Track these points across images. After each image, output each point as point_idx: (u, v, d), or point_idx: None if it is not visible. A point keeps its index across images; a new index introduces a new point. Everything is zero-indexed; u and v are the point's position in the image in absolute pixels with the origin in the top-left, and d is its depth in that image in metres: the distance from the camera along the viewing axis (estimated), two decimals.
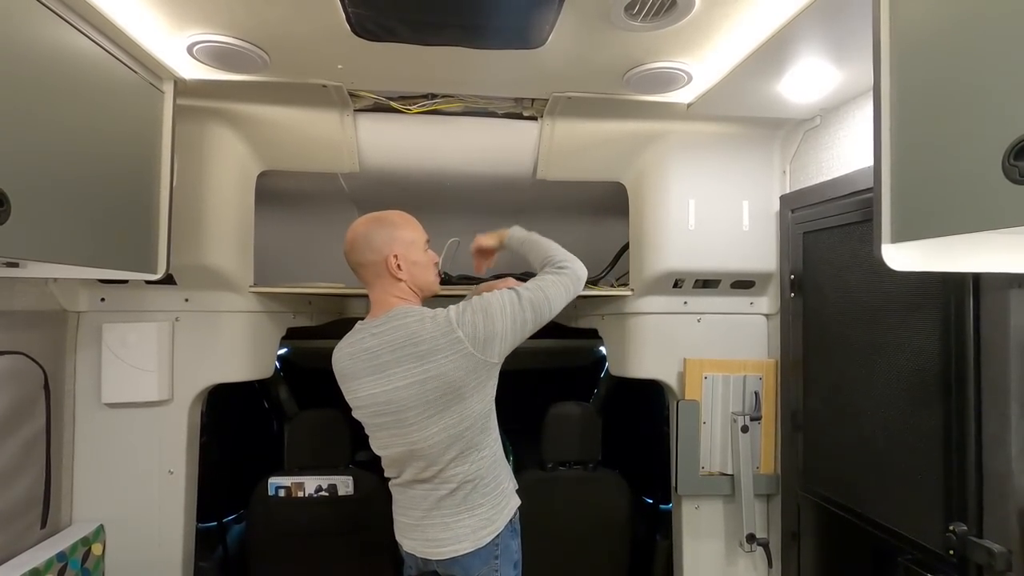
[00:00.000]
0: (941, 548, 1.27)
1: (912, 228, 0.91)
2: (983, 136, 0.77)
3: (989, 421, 1.19)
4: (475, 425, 1.38)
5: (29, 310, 1.56)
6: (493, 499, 1.42)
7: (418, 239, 1.47)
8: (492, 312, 1.35)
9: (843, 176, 1.61)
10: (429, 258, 1.50)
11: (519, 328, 1.37)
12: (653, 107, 1.74)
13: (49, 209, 1.08)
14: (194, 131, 1.69)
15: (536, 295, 1.40)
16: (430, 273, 1.50)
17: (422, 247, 1.48)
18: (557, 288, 1.44)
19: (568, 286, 1.46)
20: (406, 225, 1.46)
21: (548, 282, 1.44)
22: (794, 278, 1.85)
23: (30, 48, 1.03)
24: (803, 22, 1.21)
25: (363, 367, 1.39)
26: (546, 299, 1.41)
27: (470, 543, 1.38)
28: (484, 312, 1.34)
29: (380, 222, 1.45)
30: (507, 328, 1.35)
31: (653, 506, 2.82)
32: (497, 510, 1.42)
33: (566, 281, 1.46)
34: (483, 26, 1.30)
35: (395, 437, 1.39)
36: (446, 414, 1.35)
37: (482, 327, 1.33)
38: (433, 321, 1.34)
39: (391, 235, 1.43)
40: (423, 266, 1.47)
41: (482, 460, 1.41)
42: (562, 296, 1.44)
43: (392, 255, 1.41)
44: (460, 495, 1.39)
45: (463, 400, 1.35)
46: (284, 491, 2.20)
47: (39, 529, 1.60)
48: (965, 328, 1.23)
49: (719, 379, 1.95)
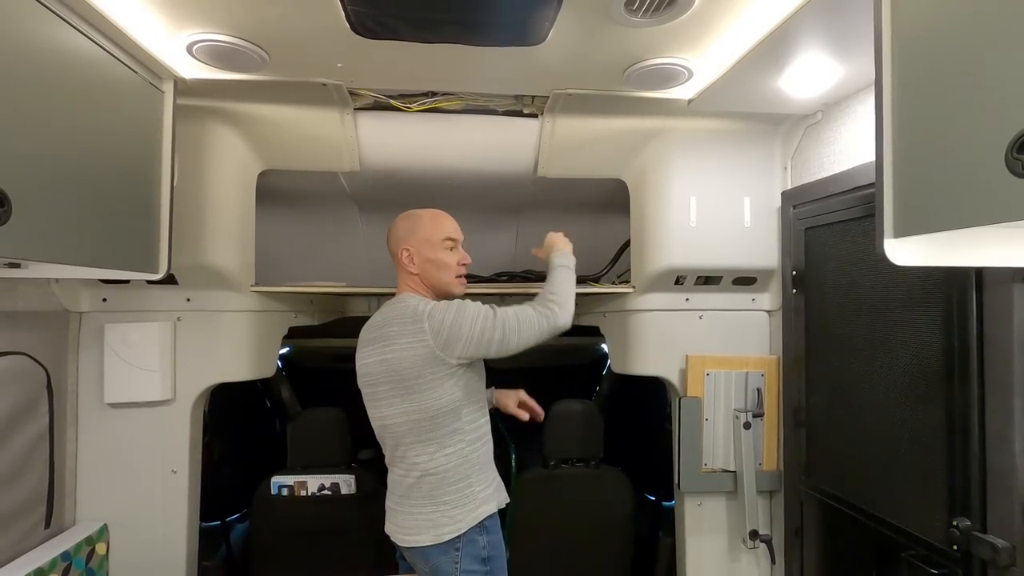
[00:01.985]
0: (944, 543, 1.26)
1: (914, 223, 0.90)
2: (986, 130, 0.77)
3: (992, 416, 1.19)
4: (435, 420, 1.43)
5: (31, 311, 1.57)
6: (459, 499, 1.45)
7: (435, 238, 1.52)
8: (464, 316, 1.40)
9: (845, 171, 1.61)
10: (448, 258, 1.53)
11: (483, 343, 1.41)
12: (654, 103, 1.73)
13: (50, 209, 1.08)
14: (194, 131, 1.69)
15: (510, 324, 1.43)
16: (444, 274, 1.53)
17: (439, 246, 1.52)
18: (531, 328, 1.46)
19: (541, 329, 1.47)
20: (430, 222, 1.54)
21: (526, 317, 1.46)
22: (796, 274, 1.84)
23: (30, 48, 1.03)
24: (804, 17, 1.20)
25: (364, 338, 1.52)
26: (517, 331, 1.44)
27: (430, 537, 1.43)
28: (457, 313, 1.41)
29: (408, 217, 1.56)
30: (473, 336, 1.40)
31: (656, 503, 2.83)
32: (464, 511, 1.44)
33: (542, 323, 1.47)
34: (483, 23, 1.30)
35: (372, 409, 1.51)
36: (405, 400, 1.43)
37: (448, 325, 1.39)
38: (412, 309, 1.43)
39: (409, 230, 1.53)
40: (437, 265, 1.51)
41: (446, 457, 1.44)
42: (531, 336, 1.46)
43: (404, 249, 1.51)
44: (425, 487, 1.44)
45: (419, 391, 1.41)
46: (287, 490, 2.21)
47: (43, 529, 1.60)
48: (968, 323, 1.23)
49: (721, 376, 1.95)
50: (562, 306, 1.50)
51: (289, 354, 3.37)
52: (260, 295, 1.88)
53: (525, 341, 1.45)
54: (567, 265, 1.62)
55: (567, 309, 1.51)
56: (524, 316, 1.45)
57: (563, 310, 1.50)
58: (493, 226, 1.60)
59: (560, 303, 1.51)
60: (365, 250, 2.58)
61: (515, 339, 1.43)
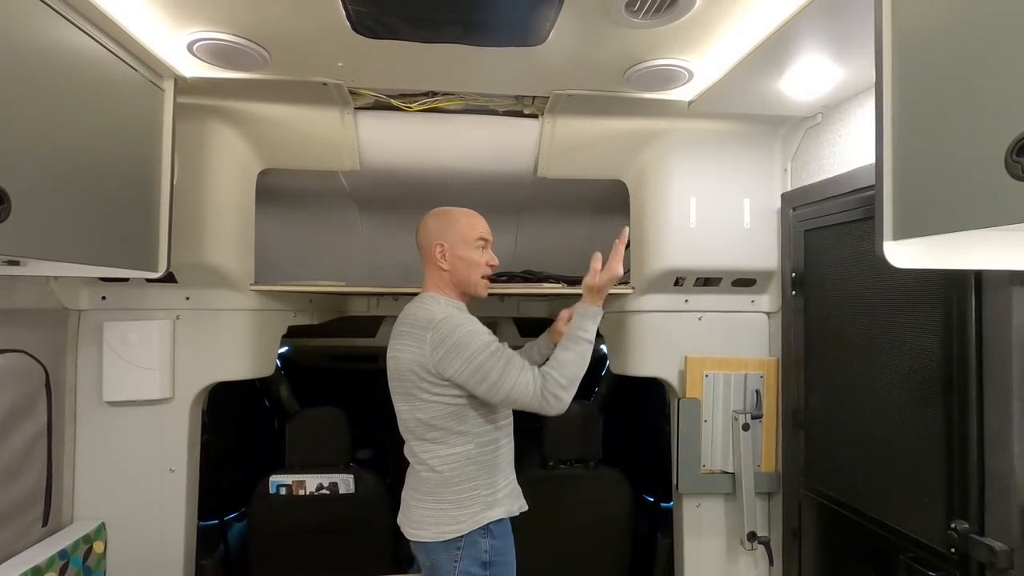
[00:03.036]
0: (943, 546, 1.26)
1: (914, 225, 0.90)
2: (986, 132, 0.77)
3: (991, 419, 1.19)
4: (434, 423, 1.43)
5: (30, 308, 1.57)
6: (463, 501, 1.43)
7: (469, 236, 1.52)
8: (471, 342, 1.37)
9: (845, 173, 1.61)
10: (479, 257, 1.53)
11: (474, 380, 1.37)
12: (654, 104, 1.73)
13: (49, 207, 1.08)
14: (194, 129, 1.69)
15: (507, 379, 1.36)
16: (474, 273, 1.52)
17: (472, 245, 1.52)
18: (521, 398, 1.38)
19: (529, 406, 1.39)
20: (464, 220, 1.54)
21: (523, 386, 1.37)
22: (795, 276, 1.84)
23: (30, 46, 1.03)
24: (804, 18, 1.20)
25: (392, 333, 1.53)
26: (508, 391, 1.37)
27: (430, 534, 1.43)
28: (464, 336, 1.37)
29: (441, 214, 1.55)
30: (468, 367, 1.36)
31: (654, 504, 2.82)
32: (467, 513, 1.43)
33: (532, 402, 1.38)
34: (484, 23, 1.30)
35: (393, 400, 1.52)
36: (406, 400, 1.45)
37: (452, 343, 1.37)
38: (427, 312, 1.43)
39: (446, 224, 1.53)
40: (468, 263, 1.51)
41: (450, 458, 1.44)
42: (516, 404, 1.40)
43: (439, 244, 1.51)
44: (430, 484, 1.45)
45: (415, 395, 1.42)
46: (285, 489, 2.21)
47: (40, 527, 1.60)
48: (967, 326, 1.23)
49: (720, 377, 1.95)
50: (561, 399, 1.39)
51: (288, 353, 3.37)
52: (259, 294, 1.88)
53: (509, 405, 1.41)
54: (589, 339, 1.46)
55: (564, 402, 1.40)
56: (521, 387, 1.37)
57: (560, 403, 1.39)
58: (493, 226, 1.59)
59: (563, 396, 1.39)
60: (365, 250, 2.58)
61: (500, 396, 1.38)
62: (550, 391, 1.38)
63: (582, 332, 1.46)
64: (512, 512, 1.52)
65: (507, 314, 2.81)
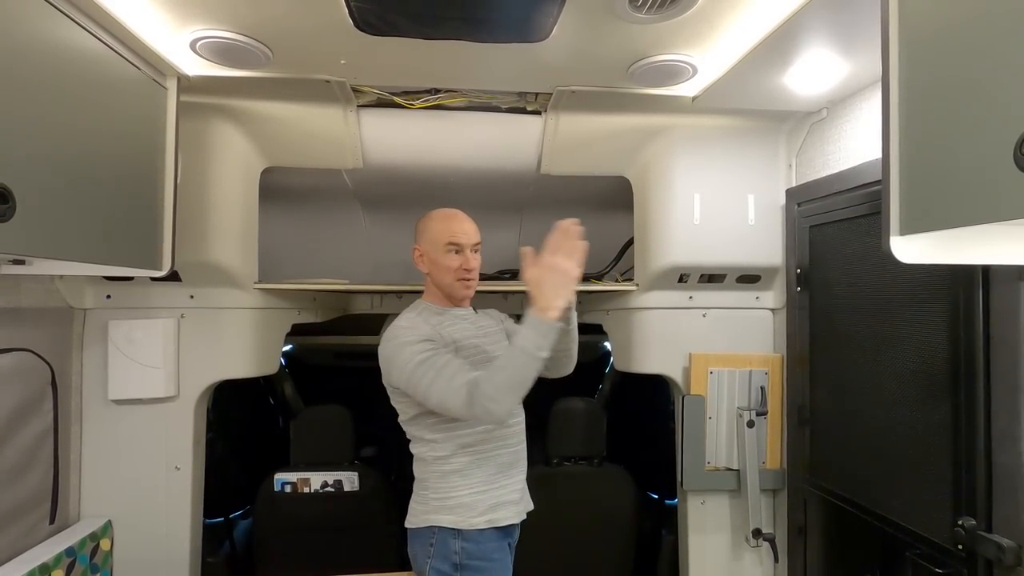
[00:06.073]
0: (949, 543, 1.26)
1: (921, 220, 0.90)
2: (993, 126, 0.76)
3: (998, 415, 1.18)
4: (407, 423, 1.49)
5: (35, 307, 1.57)
6: (418, 497, 1.49)
7: (439, 240, 1.47)
8: (399, 355, 1.38)
9: (850, 169, 1.60)
10: (451, 262, 1.46)
11: (411, 390, 1.38)
12: (658, 100, 1.72)
13: (54, 206, 1.08)
14: (198, 128, 1.69)
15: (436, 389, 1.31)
16: (446, 276, 1.48)
17: (443, 249, 1.46)
18: (450, 410, 1.32)
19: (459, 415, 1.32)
20: (437, 225, 1.50)
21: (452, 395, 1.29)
22: (800, 272, 1.84)
23: (34, 45, 1.03)
24: (809, 12, 1.19)
25: None
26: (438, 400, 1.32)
27: (408, 522, 1.50)
28: (396, 349, 1.40)
29: (424, 217, 1.55)
30: (402, 378, 1.39)
31: (659, 501, 2.82)
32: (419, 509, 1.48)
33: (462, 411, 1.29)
34: (486, 20, 1.29)
35: None
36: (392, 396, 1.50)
37: (387, 354, 1.44)
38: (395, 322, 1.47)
39: (422, 228, 1.53)
40: (441, 268, 1.49)
41: (420, 460, 1.50)
42: (453, 412, 1.33)
43: (416, 247, 1.52)
44: (416, 479, 1.52)
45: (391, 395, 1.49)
46: (290, 487, 2.22)
47: (48, 525, 1.61)
48: (974, 321, 1.22)
49: (725, 374, 1.94)
50: (492, 412, 1.26)
51: (292, 351, 3.37)
52: (263, 292, 1.88)
53: (444, 412, 1.36)
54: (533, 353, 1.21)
55: (500, 412, 1.27)
56: (449, 397, 1.29)
57: (494, 414, 1.27)
58: (496, 223, 1.59)
59: (495, 408, 1.26)
60: (368, 247, 2.58)
61: (432, 405, 1.35)
62: (479, 403, 1.25)
63: (526, 342, 1.21)
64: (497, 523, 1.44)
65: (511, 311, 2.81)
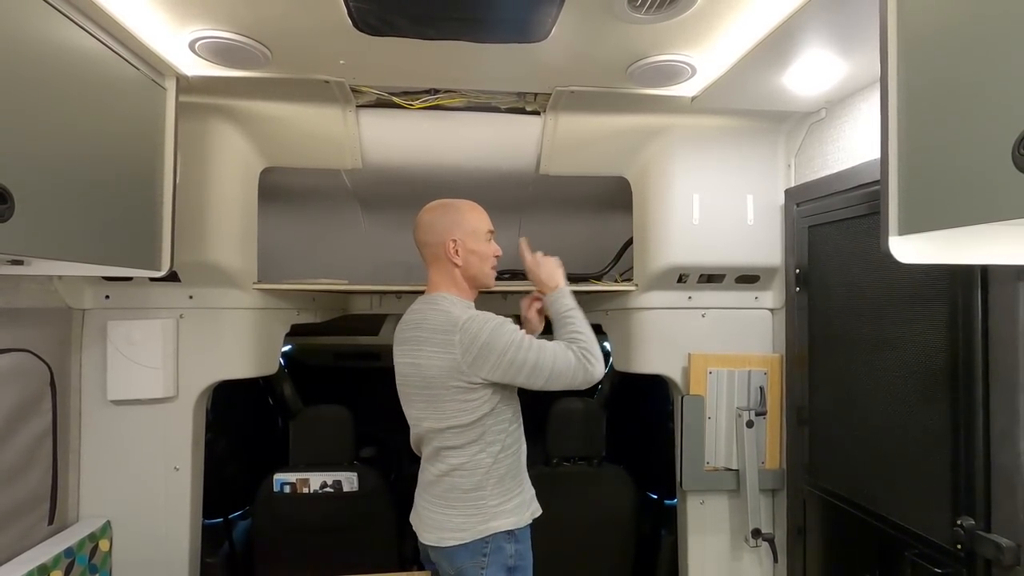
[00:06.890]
0: (948, 543, 1.26)
1: (920, 220, 0.90)
2: (992, 126, 0.76)
3: (997, 415, 1.18)
4: (456, 430, 1.41)
5: (34, 308, 1.57)
6: (468, 509, 1.42)
7: (480, 228, 1.51)
8: (499, 337, 1.36)
9: (849, 169, 1.60)
10: (489, 250, 1.53)
11: (511, 372, 1.37)
12: (657, 101, 1.72)
13: (52, 206, 1.08)
14: (197, 128, 1.69)
15: (544, 362, 1.37)
16: (486, 265, 1.53)
17: (483, 237, 1.52)
18: (565, 374, 1.39)
19: (575, 380, 1.40)
20: (471, 213, 1.52)
21: (564, 362, 1.39)
22: (799, 272, 1.84)
23: (33, 45, 1.03)
24: (808, 13, 1.19)
25: (399, 336, 1.54)
26: (549, 372, 1.38)
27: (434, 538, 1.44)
28: (493, 332, 1.36)
29: (447, 207, 1.52)
30: (502, 362, 1.36)
31: (658, 501, 2.82)
32: (471, 522, 1.42)
33: (578, 375, 1.40)
34: (485, 20, 1.29)
35: (404, 405, 1.53)
36: (429, 407, 1.43)
37: (481, 343, 1.35)
38: (446, 316, 1.41)
39: (455, 220, 1.50)
40: (480, 256, 1.51)
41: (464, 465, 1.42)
42: (562, 382, 1.40)
43: (451, 239, 1.48)
44: (441, 488, 1.45)
45: (443, 401, 1.39)
46: (289, 487, 2.21)
47: (46, 525, 1.61)
48: (973, 321, 1.22)
49: (724, 374, 1.94)
50: (597, 362, 1.42)
51: (291, 352, 3.37)
52: (262, 293, 1.88)
53: (554, 384, 1.39)
54: (576, 309, 1.51)
55: (600, 365, 1.42)
56: (562, 360, 1.39)
57: (598, 365, 1.41)
58: (495, 224, 1.59)
59: (596, 354, 1.42)
60: (367, 247, 2.58)
61: (542, 379, 1.38)
62: (585, 357, 1.40)
63: (562, 308, 1.50)
64: (520, 524, 1.48)
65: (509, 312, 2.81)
